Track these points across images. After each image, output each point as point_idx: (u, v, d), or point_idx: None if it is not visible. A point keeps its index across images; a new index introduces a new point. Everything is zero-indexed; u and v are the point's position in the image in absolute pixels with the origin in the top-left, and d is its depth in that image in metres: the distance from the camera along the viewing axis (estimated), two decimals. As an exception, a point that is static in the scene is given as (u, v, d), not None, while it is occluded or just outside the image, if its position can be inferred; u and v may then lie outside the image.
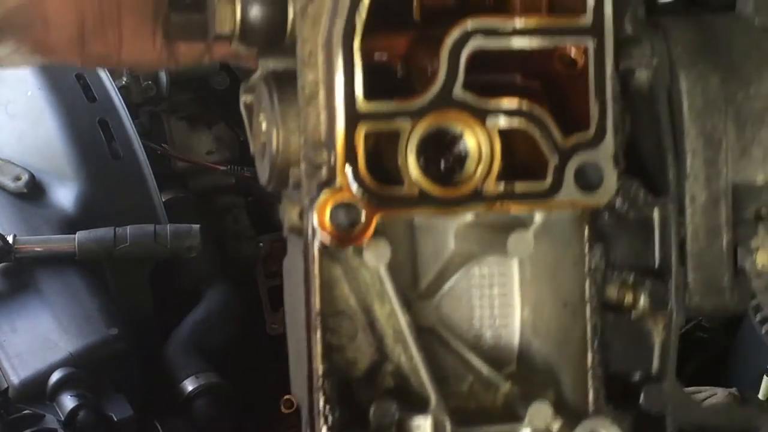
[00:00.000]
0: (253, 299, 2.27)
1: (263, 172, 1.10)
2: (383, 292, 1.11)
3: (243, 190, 2.43)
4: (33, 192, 2.06)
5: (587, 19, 1.08)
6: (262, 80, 1.09)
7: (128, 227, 1.97)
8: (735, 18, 1.23)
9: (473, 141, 1.06)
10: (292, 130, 1.09)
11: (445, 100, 1.05)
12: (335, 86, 1.04)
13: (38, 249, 1.94)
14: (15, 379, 1.75)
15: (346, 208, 1.04)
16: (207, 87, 2.47)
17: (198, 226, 2.03)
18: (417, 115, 1.04)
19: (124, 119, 2.18)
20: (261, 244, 2.34)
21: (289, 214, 1.09)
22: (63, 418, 1.67)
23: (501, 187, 1.06)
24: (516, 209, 1.08)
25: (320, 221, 1.03)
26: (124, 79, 2.33)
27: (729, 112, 1.18)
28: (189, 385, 1.90)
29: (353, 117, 1.04)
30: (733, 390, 2.00)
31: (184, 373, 1.92)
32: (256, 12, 1.10)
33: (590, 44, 1.08)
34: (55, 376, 1.72)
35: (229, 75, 2.44)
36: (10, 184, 2.06)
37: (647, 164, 1.23)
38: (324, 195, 1.03)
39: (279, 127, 1.08)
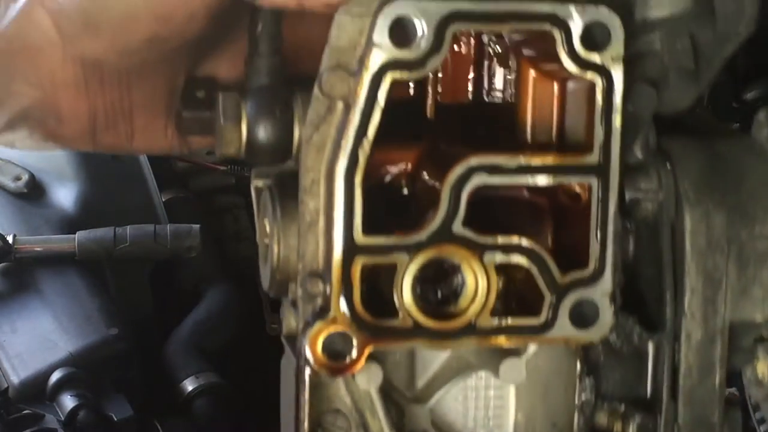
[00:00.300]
0: (253, 299, 2.27)
1: (264, 277, 1.11)
2: (374, 411, 1.13)
3: (243, 190, 2.43)
4: (33, 192, 2.07)
5: (594, 157, 1.06)
6: (266, 188, 1.11)
7: (128, 227, 1.97)
8: (750, 146, 1.20)
9: (470, 276, 1.05)
10: (292, 248, 1.08)
11: (444, 236, 1.04)
12: (334, 219, 1.04)
13: (38, 249, 1.94)
14: (15, 379, 1.75)
15: (338, 338, 1.04)
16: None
17: (198, 226, 2.03)
18: (415, 249, 1.04)
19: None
20: (261, 244, 2.34)
21: (287, 320, 1.11)
22: (63, 418, 1.67)
23: (495, 322, 1.06)
24: (508, 343, 1.07)
25: (312, 351, 1.04)
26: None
27: (731, 252, 1.16)
28: (189, 385, 1.90)
29: (351, 250, 1.04)
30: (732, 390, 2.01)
31: (184, 373, 1.92)
32: (262, 135, 1.11)
33: (595, 183, 1.06)
34: (55, 376, 1.72)
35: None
36: (10, 184, 2.06)
37: (645, 297, 1.20)
38: (317, 325, 1.04)
39: (280, 242, 1.08)
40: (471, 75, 1.16)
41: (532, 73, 1.11)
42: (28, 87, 1.05)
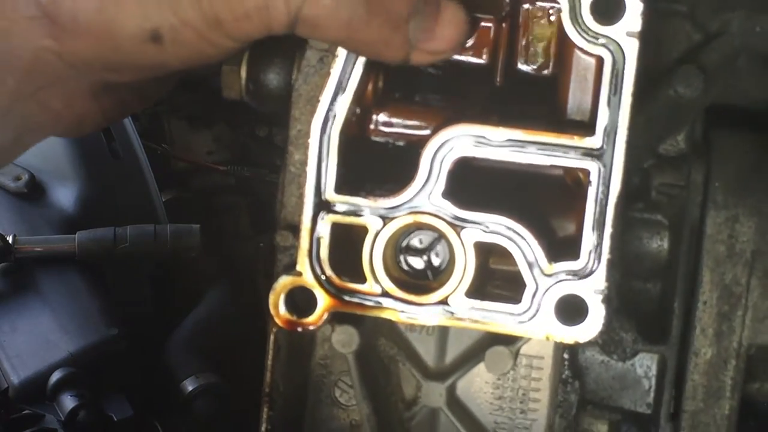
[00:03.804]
0: (253, 299, 2.27)
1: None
2: (352, 378, 1.09)
3: (243, 190, 2.43)
4: (33, 192, 2.06)
5: (595, 140, 0.97)
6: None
7: (128, 227, 1.97)
8: None
9: (446, 250, 1.00)
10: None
11: (421, 205, 1.00)
12: (306, 172, 1.02)
13: (38, 249, 1.94)
14: (15, 379, 1.75)
15: (301, 294, 1.02)
16: (207, 87, 2.46)
17: (198, 226, 2.03)
18: (389, 214, 1.00)
19: (124, 119, 2.18)
20: (261, 244, 2.34)
21: None
22: (63, 418, 1.67)
23: (470, 302, 1.00)
24: (483, 328, 1.01)
25: (274, 304, 1.02)
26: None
27: (756, 266, 1.03)
28: (189, 385, 1.89)
29: (321, 206, 1.01)
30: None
31: (184, 373, 1.91)
32: (260, 80, 1.08)
33: (594, 169, 0.98)
34: (55, 376, 1.72)
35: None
36: (10, 184, 2.05)
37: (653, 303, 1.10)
38: (282, 279, 1.02)
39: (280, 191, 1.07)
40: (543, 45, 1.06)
41: (575, 48, 1.01)
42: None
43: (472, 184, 1.01)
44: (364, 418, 1.08)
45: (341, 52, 1.01)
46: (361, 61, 1.01)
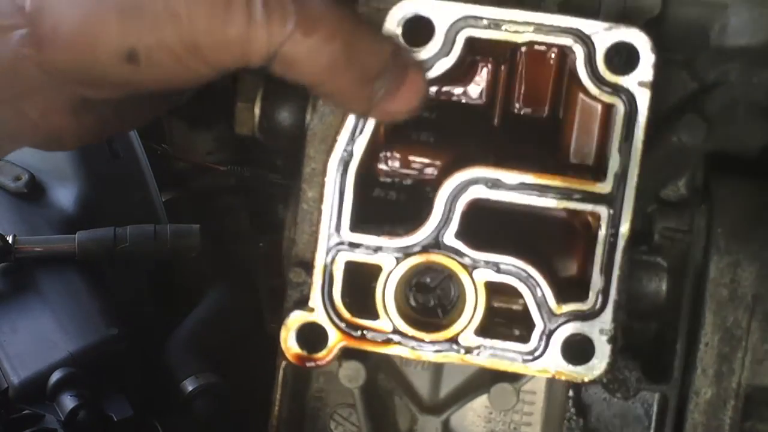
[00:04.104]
0: (253, 299, 2.27)
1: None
2: (358, 412, 1.11)
3: (243, 190, 2.43)
4: (33, 192, 2.06)
5: (606, 186, 1.00)
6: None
7: (128, 227, 1.97)
8: None
9: (456, 288, 1.03)
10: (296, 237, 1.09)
11: (434, 245, 1.02)
12: (322, 210, 1.04)
13: (38, 249, 1.94)
14: (15, 379, 1.75)
15: (313, 330, 1.04)
16: (207, 87, 2.46)
17: (198, 226, 2.03)
18: (402, 253, 1.02)
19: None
20: (261, 244, 2.34)
21: None
22: (63, 418, 1.67)
23: (479, 341, 1.02)
24: (492, 366, 1.03)
25: (285, 339, 1.04)
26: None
27: (757, 310, 1.07)
28: (189, 385, 1.89)
29: (336, 244, 1.03)
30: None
31: (184, 373, 1.91)
32: (274, 118, 1.11)
33: (604, 213, 1.00)
34: (55, 376, 1.72)
35: (229, 75, 2.43)
36: (10, 184, 2.05)
37: (655, 345, 1.13)
38: (294, 314, 1.03)
39: (290, 228, 1.10)
40: (546, 89, 1.09)
41: (580, 94, 1.04)
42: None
43: (481, 225, 1.04)
44: None
45: None
46: None
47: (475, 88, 1.10)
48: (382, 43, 1.01)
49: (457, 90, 1.11)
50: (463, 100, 1.10)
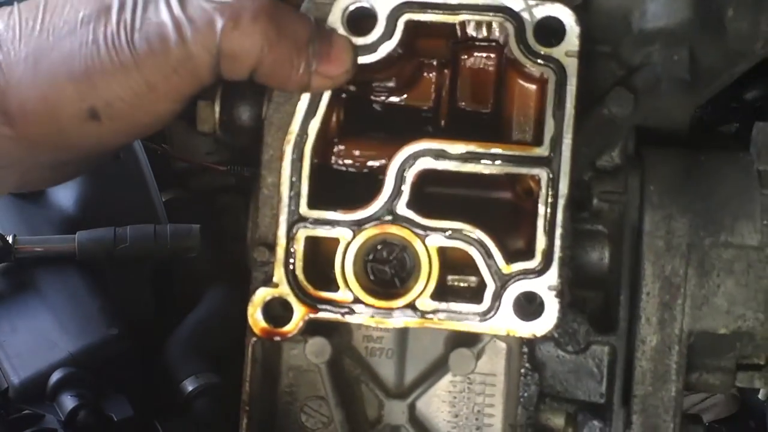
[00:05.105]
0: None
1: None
2: (325, 389, 1.15)
3: (243, 190, 2.43)
4: (33, 192, 2.06)
5: (544, 149, 1.07)
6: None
7: (128, 227, 1.97)
8: (734, 160, 1.18)
9: (413, 256, 1.08)
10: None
11: (387, 215, 1.08)
12: (281, 190, 1.10)
13: (38, 249, 1.94)
14: (15, 379, 1.75)
15: (278, 304, 1.10)
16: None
17: (198, 226, 2.03)
18: (358, 226, 1.08)
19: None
20: (261, 244, 2.34)
21: None
22: (63, 418, 1.67)
23: (434, 305, 1.08)
24: (449, 327, 1.09)
25: (251, 315, 1.11)
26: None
27: (692, 258, 1.14)
28: (189, 385, 1.89)
29: (295, 220, 1.09)
30: (733, 390, 2.00)
31: (184, 373, 1.92)
32: (234, 114, 1.18)
33: (544, 175, 1.07)
34: (55, 376, 1.72)
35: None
36: (10, 184, 2.06)
37: (602, 299, 1.20)
38: (260, 291, 1.08)
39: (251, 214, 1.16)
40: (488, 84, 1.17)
41: (517, 79, 1.12)
42: None
43: (432, 207, 1.10)
44: (338, 425, 1.15)
45: None
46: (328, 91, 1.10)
47: (422, 94, 1.18)
48: (303, 15, 1.11)
49: (406, 96, 1.19)
50: (411, 104, 1.17)
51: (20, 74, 1.07)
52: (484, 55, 1.16)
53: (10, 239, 1.90)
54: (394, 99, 1.18)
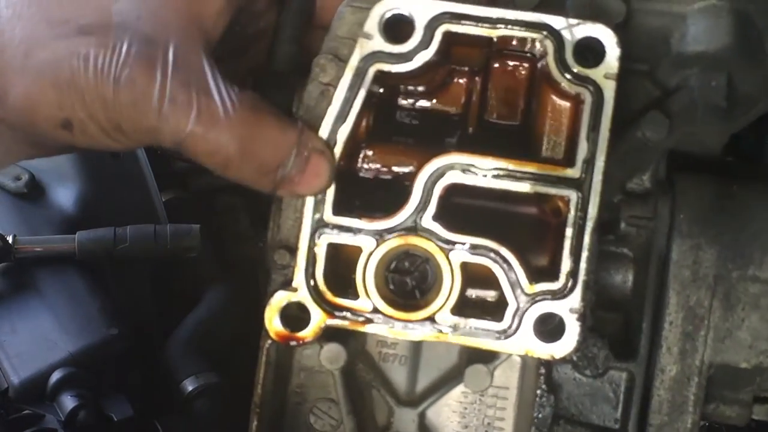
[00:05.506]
0: (253, 299, 2.27)
1: None
2: (338, 395, 1.14)
3: (243, 190, 2.42)
4: (33, 192, 2.06)
5: (575, 171, 1.05)
6: None
7: (128, 227, 1.97)
8: (767, 192, 1.16)
9: (435, 269, 1.07)
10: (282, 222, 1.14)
11: (412, 227, 1.07)
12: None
13: (38, 249, 1.94)
14: (15, 379, 1.75)
15: (296, 308, 1.08)
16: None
17: (198, 226, 2.03)
18: (381, 235, 1.07)
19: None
20: (261, 244, 2.34)
21: None
22: (63, 418, 1.67)
23: (455, 320, 1.06)
24: (467, 344, 1.07)
25: (268, 319, 1.08)
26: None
27: (718, 291, 1.12)
28: (189, 385, 1.89)
29: (318, 226, 1.08)
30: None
31: (184, 373, 1.92)
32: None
33: (573, 197, 1.05)
34: (55, 376, 1.72)
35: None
36: (10, 184, 2.06)
37: (624, 325, 1.18)
38: (279, 294, 1.07)
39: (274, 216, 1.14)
40: (518, 97, 1.14)
41: (551, 95, 1.10)
42: None
43: (457, 221, 1.08)
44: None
45: (342, 85, 1.08)
46: (362, 95, 1.07)
47: (452, 99, 1.16)
48: (286, 133, 1.08)
49: (435, 101, 1.16)
50: (441, 109, 1.15)
51: (9, 58, 1.07)
52: (518, 64, 1.13)
53: (10, 239, 1.90)
54: (422, 103, 1.16)
